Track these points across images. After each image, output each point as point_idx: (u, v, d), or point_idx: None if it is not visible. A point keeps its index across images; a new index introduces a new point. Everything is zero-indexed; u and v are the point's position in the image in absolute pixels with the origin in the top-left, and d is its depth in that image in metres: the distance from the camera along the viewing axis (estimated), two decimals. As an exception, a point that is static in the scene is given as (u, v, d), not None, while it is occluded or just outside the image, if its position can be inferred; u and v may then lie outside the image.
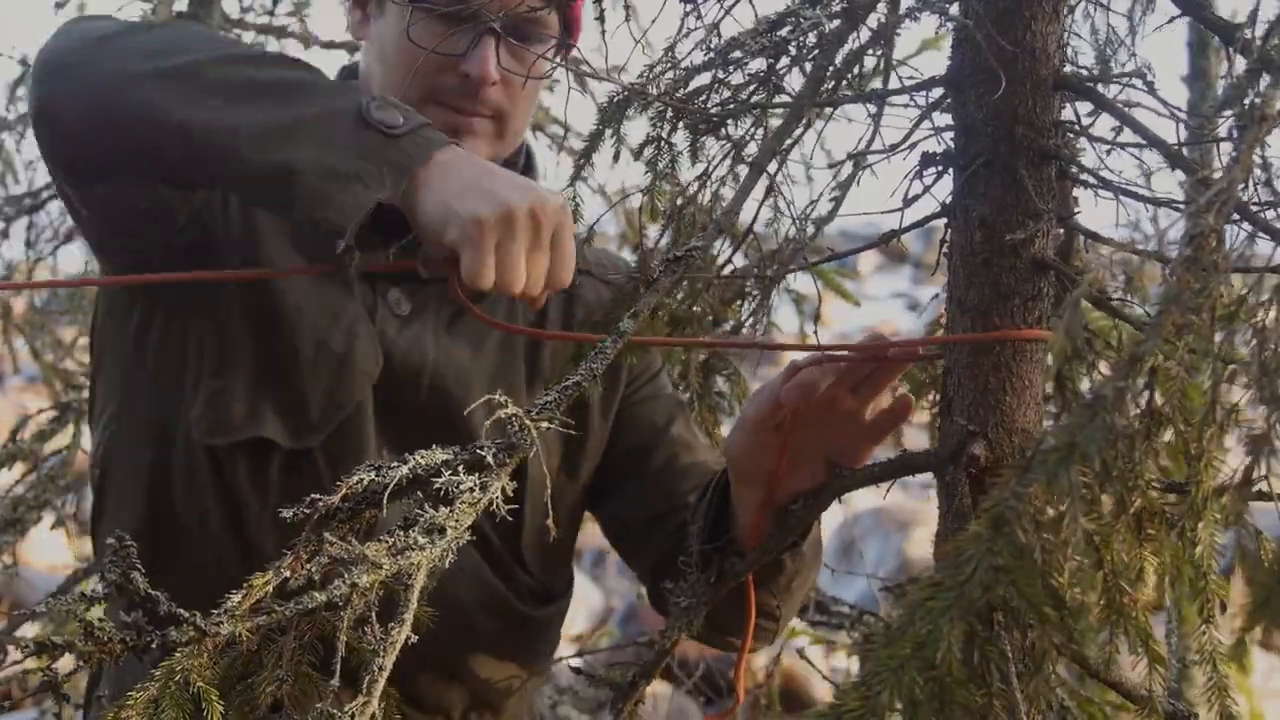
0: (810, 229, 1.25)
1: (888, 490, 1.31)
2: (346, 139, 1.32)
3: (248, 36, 3.51)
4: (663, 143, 1.30)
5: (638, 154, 1.34)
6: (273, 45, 3.56)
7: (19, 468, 2.92)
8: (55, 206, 3.44)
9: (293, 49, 3.56)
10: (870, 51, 1.16)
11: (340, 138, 1.32)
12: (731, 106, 1.22)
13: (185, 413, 1.60)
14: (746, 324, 1.80)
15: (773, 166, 1.22)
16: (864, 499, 5.17)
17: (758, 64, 1.20)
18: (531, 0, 1.57)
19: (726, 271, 1.54)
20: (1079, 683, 1.32)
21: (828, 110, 1.22)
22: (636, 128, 1.42)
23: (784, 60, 1.19)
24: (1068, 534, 0.87)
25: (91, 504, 1.76)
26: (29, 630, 3.42)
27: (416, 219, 1.32)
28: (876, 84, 1.20)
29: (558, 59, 1.68)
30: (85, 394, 3.07)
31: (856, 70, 1.18)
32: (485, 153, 1.67)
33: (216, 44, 1.41)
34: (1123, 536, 1.02)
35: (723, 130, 1.26)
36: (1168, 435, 1.03)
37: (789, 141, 1.19)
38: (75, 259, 3.53)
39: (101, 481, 1.70)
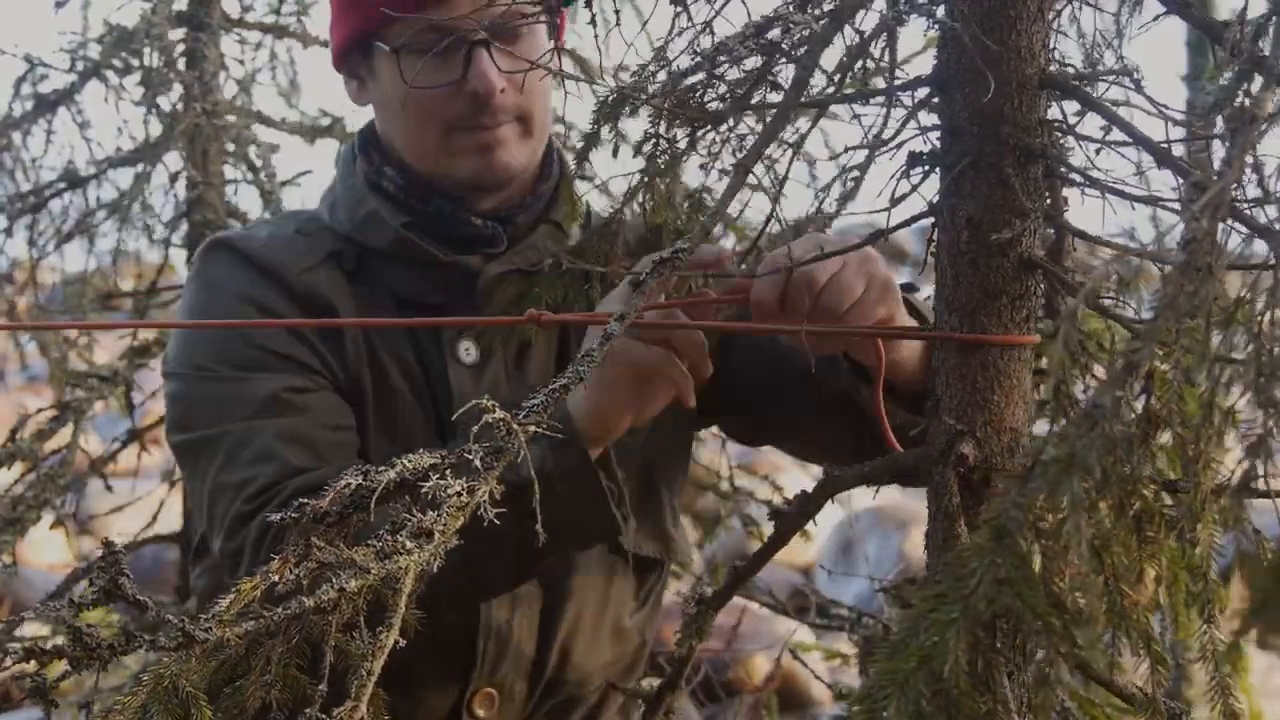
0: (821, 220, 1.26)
1: (876, 490, 1.31)
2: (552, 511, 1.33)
3: (250, 36, 3.52)
4: (660, 139, 1.30)
5: (637, 150, 1.34)
6: (279, 47, 3.58)
7: (18, 467, 2.92)
8: (58, 204, 3.44)
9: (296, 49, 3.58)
10: (870, 51, 1.16)
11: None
12: (727, 105, 1.22)
13: None
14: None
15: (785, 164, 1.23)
16: (862, 498, 5.17)
17: (753, 61, 1.20)
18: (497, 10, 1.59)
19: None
20: (1084, 686, 1.32)
21: (829, 109, 1.22)
22: (635, 124, 1.43)
23: (779, 58, 1.18)
24: (1070, 543, 0.87)
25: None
26: (28, 630, 3.42)
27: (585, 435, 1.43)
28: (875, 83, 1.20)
29: (551, 45, 1.69)
30: (86, 393, 3.09)
31: (859, 69, 1.17)
32: (519, 156, 1.71)
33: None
34: (1122, 539, 1.02)
35: (724, 125, 1.25)
36: (1165, 437, 1.03)
37: (797, 138, 1.20)
38: (77, 257, 3.54)
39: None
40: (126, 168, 3.36)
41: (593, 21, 1.53)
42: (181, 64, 3.27)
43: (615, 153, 1.54)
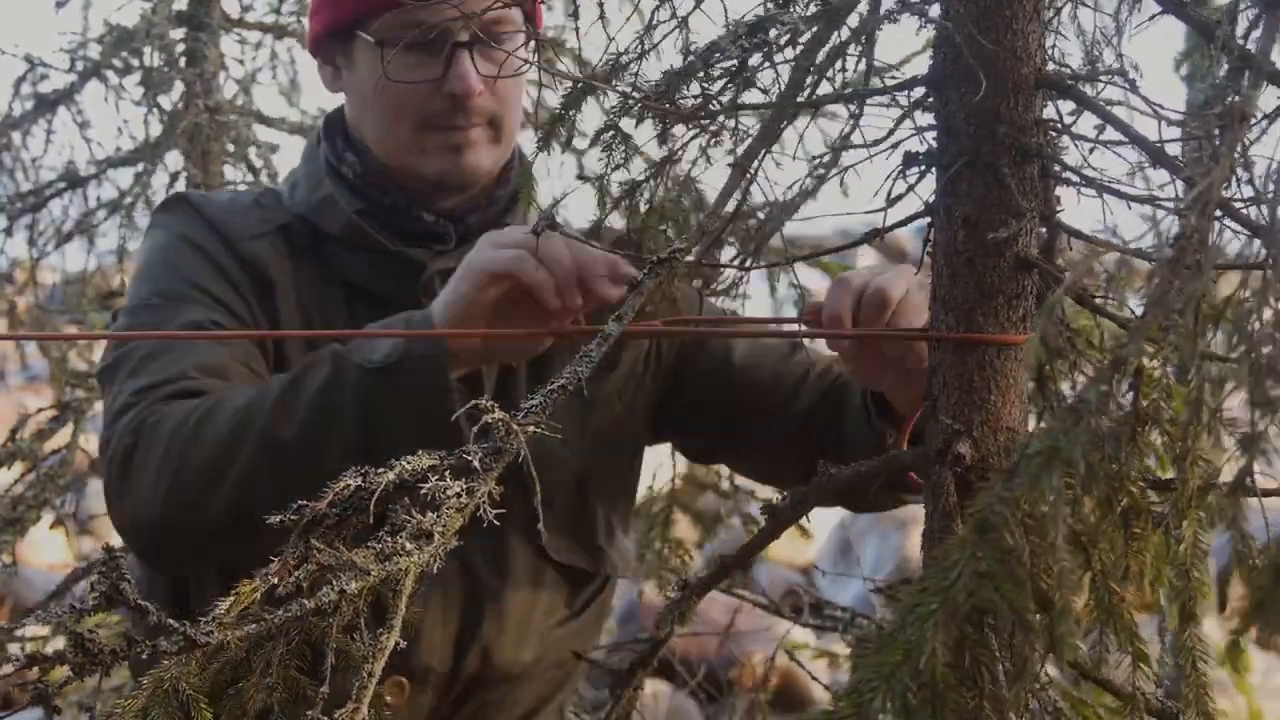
0: (783, 218, 1.26)
1: (874, 489, 1.31)
2: (389, 397, 1.45)
3: (250, 36, 3.52)
4: (618, 133, 1.30)
5: (592, 142, 1.34)
6: (280, 47, 3.57)
7: (18, 467, 2.93)
8: (58, 205, 3.45)
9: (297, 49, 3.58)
10: (851, 51, 1.16)
11: (385, 400, 1.45)
12: (711, 105, 1.22)
13: None
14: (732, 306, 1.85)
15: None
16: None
17: (731, 62, 1.20)
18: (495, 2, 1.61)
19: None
20: (1074, 685, 1.33)
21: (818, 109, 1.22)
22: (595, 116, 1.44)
23: (756, 57, 1.19)
24: (1049, 535, 0.87)
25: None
26: (29, 631, 3.43)
27: (453, 349, 1.47)
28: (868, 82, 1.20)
29: (531, 53, 1.71)
30: (86, 393, 3.09)
31: (840, 69, 1.17)
32: (486, 160, 1.73)
33: (243, 425, 1.50)
34: (1110, 536, 1.02)
35: (697, 121, 1.25)
36: (1155, 435, 1.03)
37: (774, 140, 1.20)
38: (78, 256, 3.54)
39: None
40: (127, 167, 3.37)
41: (575, 14, 1.54)
42: (182, 64, 3.27)
43: (567, 145, 1.56)
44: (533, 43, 1.75)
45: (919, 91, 1.18)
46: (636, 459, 1.94)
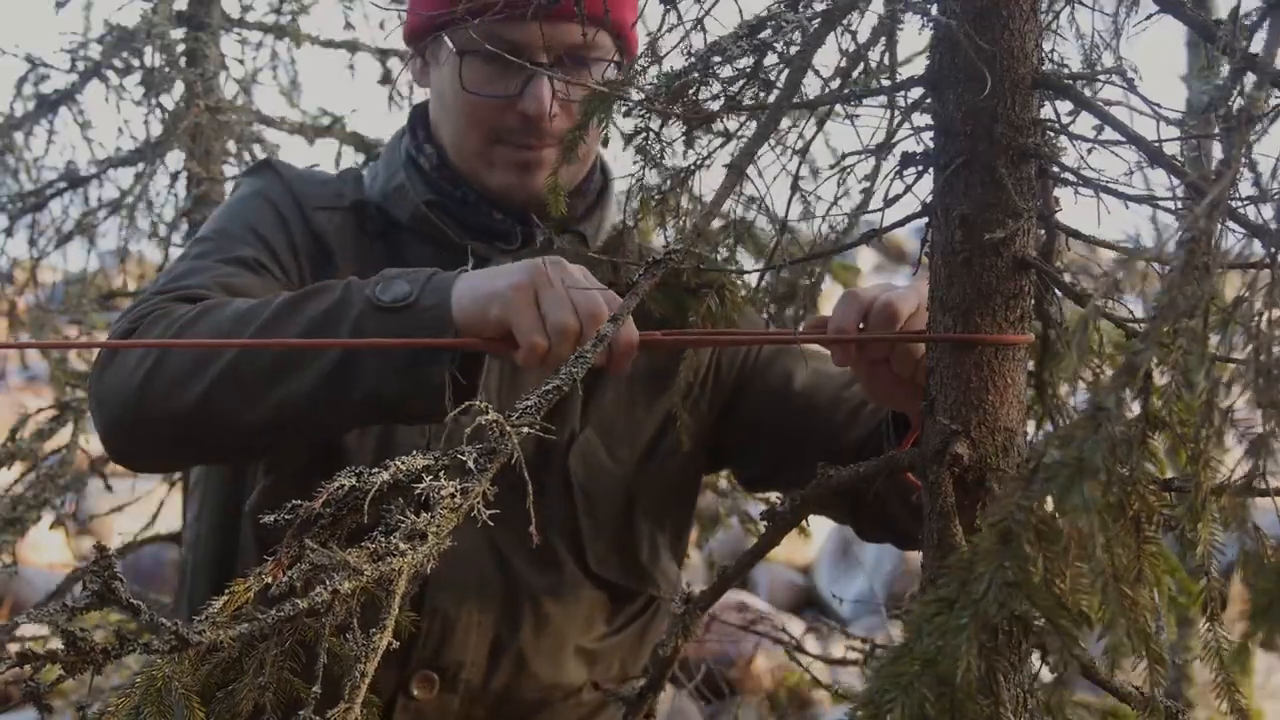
0: (837, 226, 1.26)
1: (874, 489, 1.31)
2: (383, 336, 1.42)
3: (251, 36, 3.52)
4: (650, 134, 1.29)
5: (625, 144, 1.34)
6: (280, 46, 3.57)
7: (18, 467, 2.93)
8: (58, 204, 3.45)
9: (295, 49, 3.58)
10: (870, 49, 1.16)
11: (377, 335, 1.43)
12: (722, 104, 1.22)
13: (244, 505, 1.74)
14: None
15: (790, 166, 1.24)
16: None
17: (745, 61, 1.20)
18: (572, 36, 1.61)
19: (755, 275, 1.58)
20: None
21: (822, 110, 1.21)
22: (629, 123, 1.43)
23: (771, 58, 1.18)
24: (1086, 547, 0.86)
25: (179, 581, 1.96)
26: (29, 630, 3.42)
27: (458, 324, 1.41)
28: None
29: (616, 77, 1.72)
30: (85, 394, 3.09)
31: (859, 70, 1.17)
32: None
33: (235, 327, 1.49)
34: (1122, 539, 1.02)
35: (717, 123, 1.25)
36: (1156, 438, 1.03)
37: (802, 144, 1.20)
38: (78, 256, 3.55)
39: (188, 561, 1.89)
40: (127, 167, 3.37)
41: (581, 20, 1.54)
42: (182, 64, 3.27)
43: (605, 144, 1.55)
44: (618, 69, 1.74)
45: (917, 92, 1.18)
46: (690, 481, 1.92)
